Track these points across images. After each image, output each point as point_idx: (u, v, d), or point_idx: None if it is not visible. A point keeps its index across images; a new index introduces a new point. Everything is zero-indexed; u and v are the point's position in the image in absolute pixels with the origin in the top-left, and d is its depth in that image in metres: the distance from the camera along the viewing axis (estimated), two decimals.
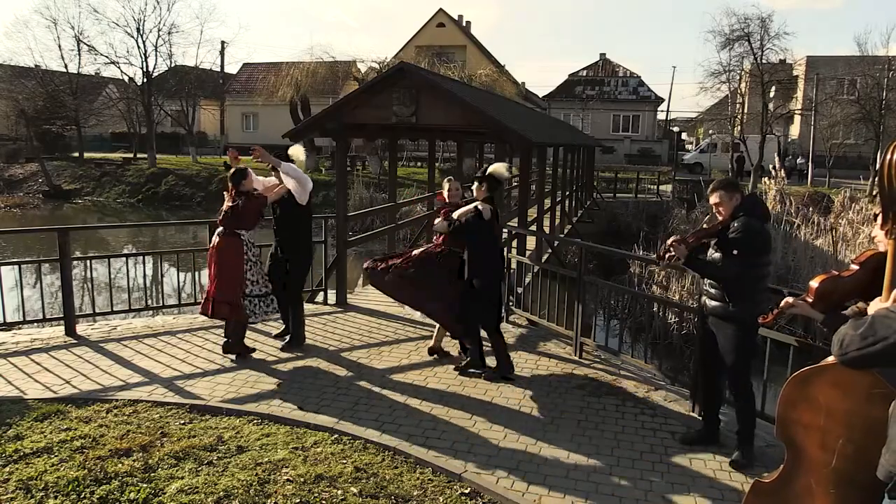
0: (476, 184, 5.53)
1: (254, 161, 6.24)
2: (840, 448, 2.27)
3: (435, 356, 6.08)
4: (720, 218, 4.15)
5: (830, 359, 2.32)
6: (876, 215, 2.63)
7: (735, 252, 4.02)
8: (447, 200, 5.79)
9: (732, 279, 4.07)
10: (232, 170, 5.96)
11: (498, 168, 5.59)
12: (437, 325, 6.01)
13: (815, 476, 2.35)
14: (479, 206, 5.40)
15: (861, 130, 30.06)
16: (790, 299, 2.77)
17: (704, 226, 4.25)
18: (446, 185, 5.85)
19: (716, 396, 4.53)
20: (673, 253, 4.12)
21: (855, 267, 2.61)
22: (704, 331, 4.38)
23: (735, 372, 4.19)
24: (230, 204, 5.86)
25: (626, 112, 43.66)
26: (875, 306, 2.13)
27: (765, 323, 3.01)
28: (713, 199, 4.21)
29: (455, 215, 5.49)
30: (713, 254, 4.21)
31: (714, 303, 4.20)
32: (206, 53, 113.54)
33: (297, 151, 6.19)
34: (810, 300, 2.64)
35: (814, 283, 2.64)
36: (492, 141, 9.06)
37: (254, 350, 6.09)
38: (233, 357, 5.94)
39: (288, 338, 6.36)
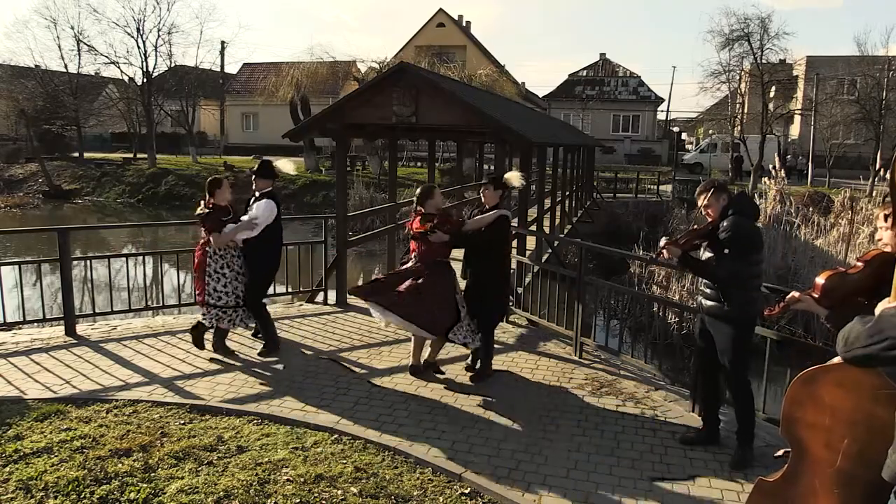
0: (492, 188, 5.40)
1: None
2: (845, 448, 2.26)
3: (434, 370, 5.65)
4: (709, 219, 4.19)
5: (836, 359, 2.31)
6: (886, 216, 2.62)
7: (726, 251, 4.07)
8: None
9: (726, 278, 4.10)
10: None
11: (510, 176, 5.49)
12: (414, 341, 5.58)
13: (819, 476, 2.34)
14: (502, 213, 5.33)
15: (861, 130, 30.09)
16: (796, 294, 2.78)
17: (695, 227, 4.29)
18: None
19: (715, 397, 4.53)
20: (667, 255, 4.19)
21: (860, 265, 2.61)
22: (701, 331, 4.41)
23: (734, 371, 4.19)
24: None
25: (626, 112, 43.67)
26: (883, 305, 2.12)
27: (770, 316, 3.02)
28: (701, 201, 4.27)
29: (475, 223, 5.40)
30: (705, 254, 4.25)
31: (709, 302, 4.24)
32: (206, 53, 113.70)
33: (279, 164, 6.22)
34: (816, 296, 2.64)
35: (820, 280, 2.65)
36: (492, 141, 9.06)
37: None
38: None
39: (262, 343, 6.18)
